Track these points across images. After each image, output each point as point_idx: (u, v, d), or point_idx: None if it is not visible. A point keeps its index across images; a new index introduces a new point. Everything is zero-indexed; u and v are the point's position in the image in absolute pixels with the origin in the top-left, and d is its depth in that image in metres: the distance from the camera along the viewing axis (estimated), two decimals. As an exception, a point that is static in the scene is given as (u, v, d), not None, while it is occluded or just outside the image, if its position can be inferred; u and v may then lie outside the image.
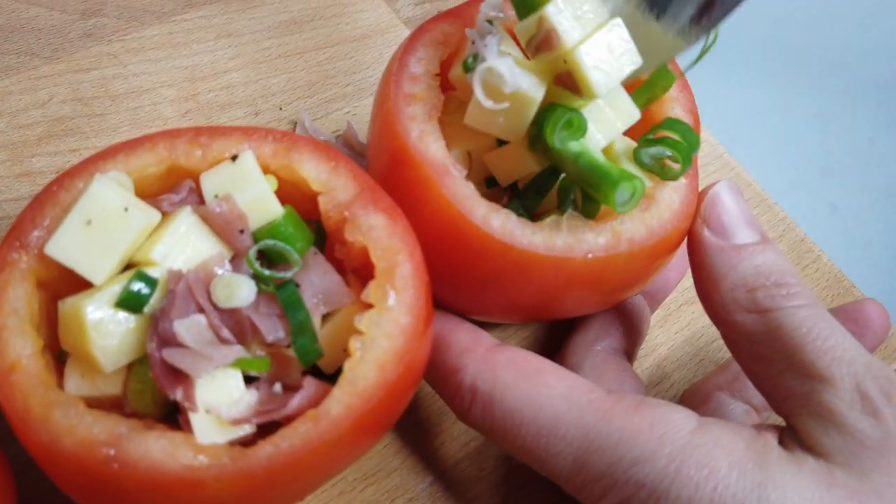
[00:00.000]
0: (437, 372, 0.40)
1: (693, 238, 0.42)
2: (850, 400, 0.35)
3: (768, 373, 0.38)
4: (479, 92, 0.37)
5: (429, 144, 0.38)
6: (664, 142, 0.39)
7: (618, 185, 0.37)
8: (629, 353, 0.47)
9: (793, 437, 0.36)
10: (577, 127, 0.38)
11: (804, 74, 0.86)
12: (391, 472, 0.45)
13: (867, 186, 0.75)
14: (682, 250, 0.44)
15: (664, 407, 0.37)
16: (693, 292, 0.53)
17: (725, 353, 0.53)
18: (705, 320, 0.54)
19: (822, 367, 0.36)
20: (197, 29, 0.56)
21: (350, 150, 0.54)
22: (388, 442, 0.46)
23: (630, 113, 0.41)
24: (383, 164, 0.40)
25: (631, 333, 0.47)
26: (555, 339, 0.52)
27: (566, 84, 0.38)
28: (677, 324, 0.54)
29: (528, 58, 0.39)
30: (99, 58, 0.54)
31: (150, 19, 0.56)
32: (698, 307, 0.54)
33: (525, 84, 0.37)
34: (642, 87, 0.42)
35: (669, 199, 0.40)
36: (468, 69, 0.39)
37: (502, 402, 0.38)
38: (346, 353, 0.36)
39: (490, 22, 0.39)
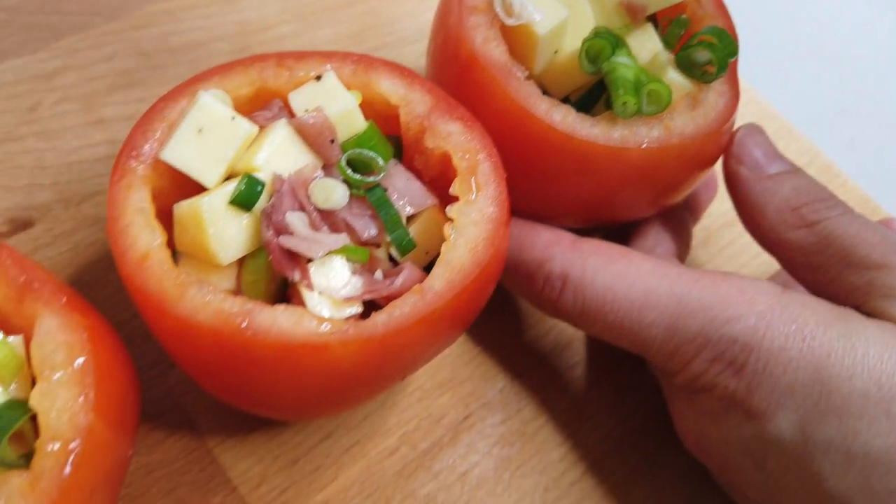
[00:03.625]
0: (523, 268, 0.43)
1: (731, 177, 0.46)
2: None
3: (827, 277, 0.42)
4: (498, 8, 0.43)
5: (492, 49, 0.42)
6: (702, 45, 0.42)
7: (631, 91, 0.41)
8: (681, 259, 0.50)
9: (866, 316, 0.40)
10: (602, 49, 0.43)
11: (814, 20, 0.91)
12: (464, 381, 0.48)
13: (881, 122, 0.81)
14: (709, 176, 0.49)
15: (749, 278, 0.40)
16: (732, 215, 0.56)
17: (766, 271, 0.57)
18: (745, 240, 0.58)
19: (878, 257, 0.40)
20: (246, -14, 0.59)
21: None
22: (460, 353, 0.49)
23: (655, 44, 0.46)
24: (449, 74, 0.43)
25: (681, 241, 0.50)
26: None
27: (629, 9, 0.45)
28: (719, 244, 0.58)
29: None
30: (156, 15, 0.57)
31: (202, -22, 0.59)
32: (737, 229, 0.58)
33: (536, 17, 0.42)
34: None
35: (714, 102, 0.43)
36: None
37: (594, 282, 0.41)
38: (428, 255, 0.40)
39: None
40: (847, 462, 0.35)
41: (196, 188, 0.37)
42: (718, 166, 0.49)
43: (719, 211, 0.59)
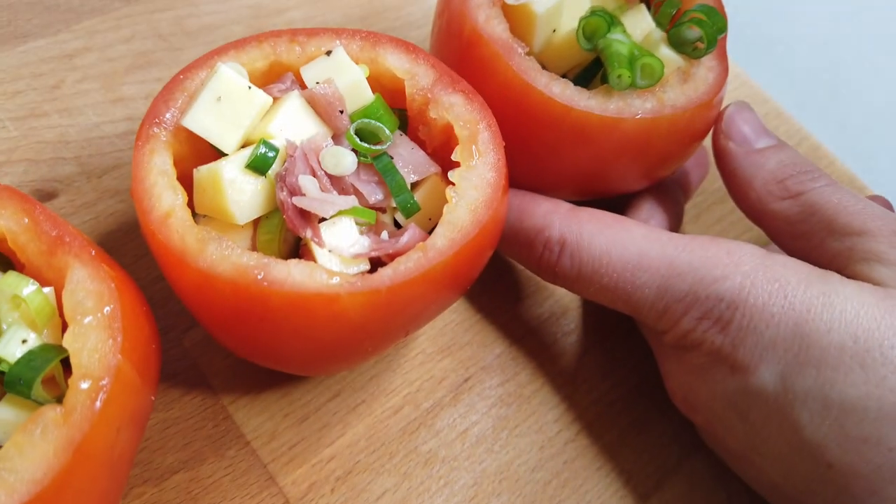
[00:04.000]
0: (523, 235, 0.46)
1: (720, 152, 0.49)
2: (888, 242, 0.41)
3: (811, 245, 0.44)
4: None
5: (494, 26, 0.44)
6: (692, 21, 0.45)
7: (626, 64, 0.43)
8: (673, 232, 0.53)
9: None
10: (598, 26, 0.45)
11: (811, 3, 0.93)
12: (464, 346, 0.51)
13: (872, 106, 0.83)
14: (700, 156, 0.52)
15: (736, 241, 0.43)
16: (722, 192, 0.59)
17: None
18: (734, 216, 0.60)
19: (859, 224, 0.42)
20: (258, -28, 0.62)
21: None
22: (460, 320, 0.51)
23: (648, 24, 0.48)
24: (453, 51, 0.46)
25: (673, 216, 0.52)
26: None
27: None
28: (708, 220, 0.60)
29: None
30: (173, -1, 0.59)
31: (216, -35, 0.61)
32: (727, 206, 0.60)
33: None
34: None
35: (704, 76, 0.46)
36: None
37: (590, 246, 0.43)
38: (431, 221, 0.42)
39: None
40: (824, 411, 0.38)
41: (213, 156, 0.40)
42: (710, 147, 0.51)
43: (710, 190, 0.61)
